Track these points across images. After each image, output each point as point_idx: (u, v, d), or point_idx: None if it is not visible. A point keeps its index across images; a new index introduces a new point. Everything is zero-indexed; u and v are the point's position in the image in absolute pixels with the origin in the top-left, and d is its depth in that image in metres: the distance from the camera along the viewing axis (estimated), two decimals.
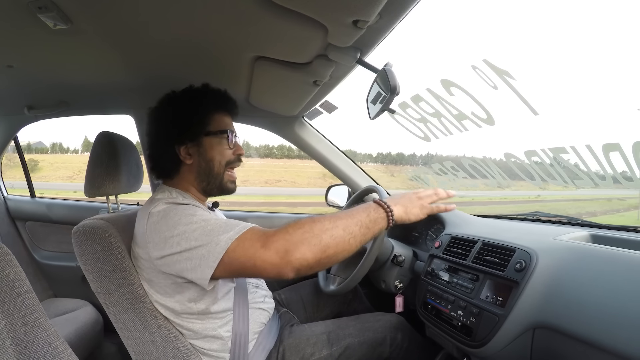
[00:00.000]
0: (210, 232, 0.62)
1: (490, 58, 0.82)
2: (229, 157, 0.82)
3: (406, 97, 0.99)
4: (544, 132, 13.61)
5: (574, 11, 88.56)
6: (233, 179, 0.84)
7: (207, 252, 0.60)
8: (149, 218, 0.69)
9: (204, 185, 0.82)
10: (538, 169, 0.96)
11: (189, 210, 0.68)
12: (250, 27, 0.67)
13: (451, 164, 1.29)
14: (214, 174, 0.81)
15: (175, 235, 0.63)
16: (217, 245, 0.60)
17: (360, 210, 0.66)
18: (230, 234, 0.61)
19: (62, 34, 0.70)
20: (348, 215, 0.64)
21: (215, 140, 0.81)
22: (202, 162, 0.80)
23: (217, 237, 0.61)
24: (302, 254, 0.57)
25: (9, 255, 0.44)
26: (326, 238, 0.59)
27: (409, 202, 0.73)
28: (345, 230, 0.61)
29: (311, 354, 0.82)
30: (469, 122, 0.96)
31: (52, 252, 1.62)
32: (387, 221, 0.67)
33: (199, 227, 0.63)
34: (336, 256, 0.61)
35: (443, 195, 0.77)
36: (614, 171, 0.79)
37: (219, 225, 0.64)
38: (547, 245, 0.72)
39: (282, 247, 0.58)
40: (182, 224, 0.64)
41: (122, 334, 0.76)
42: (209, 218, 0.66)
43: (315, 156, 1.40)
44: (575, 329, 0.57)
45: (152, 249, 0.67)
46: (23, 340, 0.42)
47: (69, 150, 20.64)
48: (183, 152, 0.79)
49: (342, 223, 0.62)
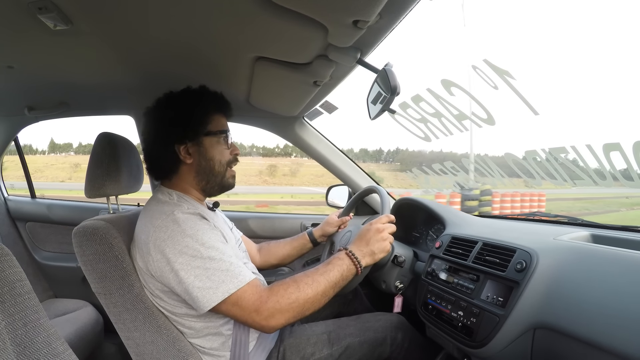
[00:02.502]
0: (211, 276, 0.65)
1: (491, 58, 0.82)
2: (228, 156, 0.85)
3: (406, 97, 0.99)
4: (544, 132, 13.60)
5: (573, 11, 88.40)
6: (233, 174, 0.87)
7: (203, 296, 0.65)
8: (153, 232, 0.69)
9: (203, 185, 0.83)
10: (538, 168, 0.96)
11: (195, 234, 0.68)
12: (251, 28, 0.67)
13: (451, 164, 1.29)
14: (215, 172, 0.82)
15: (177, 263, 0.66)
16: (214, 294, 0.65)
17: (336, 272, 0.74)
18: (229, 287, 0.65)
19: (62, 34, 0.70)
20: (326, 279, 0.72)
21: (214, 139, 0.82)
22: (203, 161, 0.81)
23: (215, 286, 0.65)
24: (286, 320, 0.67)
25: (9, 256, 0.44)
26: (308, 305, 0.69)
27: (374, 244, 0.80)
28: (324, 295, 0.71)
29: (312, 353, 0.82)
30: (469, 122, 0.96)
31: (52, 253, 1.62)
32: (356, 269, 0.77)
33: (200, 266, 0.66)
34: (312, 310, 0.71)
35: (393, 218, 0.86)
36: (614, 170, 0.79)
37: (221, 270, 0.66)
38: (547, 246, 0.72)
39: (272, 316, 0.66)
40: (186, 255, 0.66)
41: (123, 334, 0.76)
42: (212, 254, 0.67)
43: (316, 156, 1.40)
44: (576, 330, 0.57)
45: (151, 265, 0.69)
46: (23, 341, 0.42)
47: (37, 152, 21.18)
48: (183, 151, 0.79)
49: (322, 289, 0.71)
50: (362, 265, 0.77)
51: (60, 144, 15.57)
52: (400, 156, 18.83)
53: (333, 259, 0.76)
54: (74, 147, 16.41)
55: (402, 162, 17.81)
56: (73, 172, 12.82)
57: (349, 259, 0.76)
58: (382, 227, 0.82)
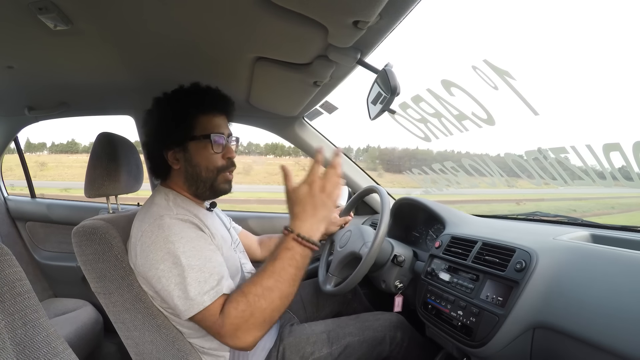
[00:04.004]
0: (188, 286, 0.63)
1: (491, 58, 0.82)
2: (217, 162, 0.78)
3: (406, 97, 0.99)
4: (544, 132, 13.61)
5: (574, 11, 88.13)
6: (228, 179, 0.81)
7: (182, 305, 0.63)
8: (140, 236, 0.69)
9: (193, 190, 0.80)
10: (538, 168, 0.96)
11: (179, 241, 0.66)
12: (251, 28, 0.67)
13: (451, 164, 1.29)
14: (202, 179, 0.78)
15: (159, 270, 0.65)
16: (191, 306, 0.63)
17: (288, 267, 0.64)
18: (204, 299, 0.63)
19: (62, 34, 0.70)
20: (278, 280, 0.63)
21: (200, 144, 0.76)
22: (189, 167, 0.77)
23: (192, 297, 0.63)
24: (254, 337, 0.63)
25: (9, 256, 0.44)
26: (268, 315, 0.63)
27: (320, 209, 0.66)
28: (284, 298, 0.64)
29: (311, 352, 0.82)
30: (470, 122, 0.96)
31: (52, 253, 1.62)
32: (312, 250, 0.66)
33: (180, 274, 0.64)
34: (279, 315, 0.65)
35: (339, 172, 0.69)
36: (614, 170, 0.79)
37: (198, 281, 0.64)
38: (547, 245, 0.72)
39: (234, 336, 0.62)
40: (167, 262, 0.65)
41: (122, 333, 0.76)
42: (192, 263, 0.65)
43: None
44: (575, 329, 0.57)
45: (139, 268, 0.69)
46: (23, 340, 0.42)
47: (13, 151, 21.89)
48: (171, 157, 0.78)
49: (277, 294, 0.63)
50: (316, 242, 0.65)
51: (35, 143, 15.95)
52: (369, 154, 18.74)
53: (280, 252, 0.64)
54: (48, 146, 16.80)
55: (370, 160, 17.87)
56: (39, 171, 13.50)
57: (298, 244, 0.64)
58: (322, 185, 0.66)
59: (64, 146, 18.12)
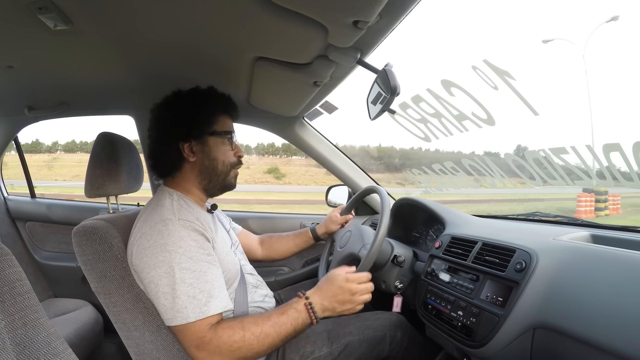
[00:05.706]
0: (176, 298, 0.64)
1: (491, 58, 0.82)
2: (232, 158, 0.85)
3: (406, 97, 0.99)
4: (544, 132, 13.59)
5: (574, 10, 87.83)
6: (236, 175, 0.88)
7: (165, 313, 0.66)
8: (139, 238, 0.70)
9: (205, 184, 0.83)
10: (538, 168, 0.96)
11: (176, 251, 0.67)
12: (251, 28, 0.67)
13: (451, 164, 1.29)
14: (218, 172, 0.83)
15: (150, 275, 0.67)
16: (173, 317, 0.65)
17: (289, 325, 0.69)
18: (189, 314, 0.64)
19: (62, 34, 0.70)
20: (277, 331, 0.68)
21: (219, 140, 0.83)
22: (206, 160, 0.81)
23: (177, 309, 0.65)
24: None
25: (9, 256, 0.44)
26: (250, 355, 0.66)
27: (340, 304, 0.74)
28: (270, 347, 0.68)
29: (311, 352, 0.82)
30: (469, 122, 0.96)
31: (52, 253, 1.62)
32: (312, 323, 0.72)
33: (170, 284, 0.65)
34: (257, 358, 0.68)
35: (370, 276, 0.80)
36: (613, 170, 0.79)
37: (187, 295, 0.65)
38: (547, 246, 0.72)
39: (210, 358, 0.64)
40: (160, 269, 0.66)
41: (122, 334, 0.76)
42: (185, 276, 0.66)
43: (316, 157, 1.40)
44: (575, 329, 0.57)
45: (133, 269, 0.71)
46: (23, 340, 0.42)
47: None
48: (187, 149, 0.80)
49: (269, 342, 0.67)
50: (318, 319, 0.73)
51: None
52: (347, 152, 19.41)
53: (289, 309, 0.71)
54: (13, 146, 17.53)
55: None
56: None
57: (306, 312, 0.72)
58: (356, 289, 0.75)
59: (28, 146, 18.89)
